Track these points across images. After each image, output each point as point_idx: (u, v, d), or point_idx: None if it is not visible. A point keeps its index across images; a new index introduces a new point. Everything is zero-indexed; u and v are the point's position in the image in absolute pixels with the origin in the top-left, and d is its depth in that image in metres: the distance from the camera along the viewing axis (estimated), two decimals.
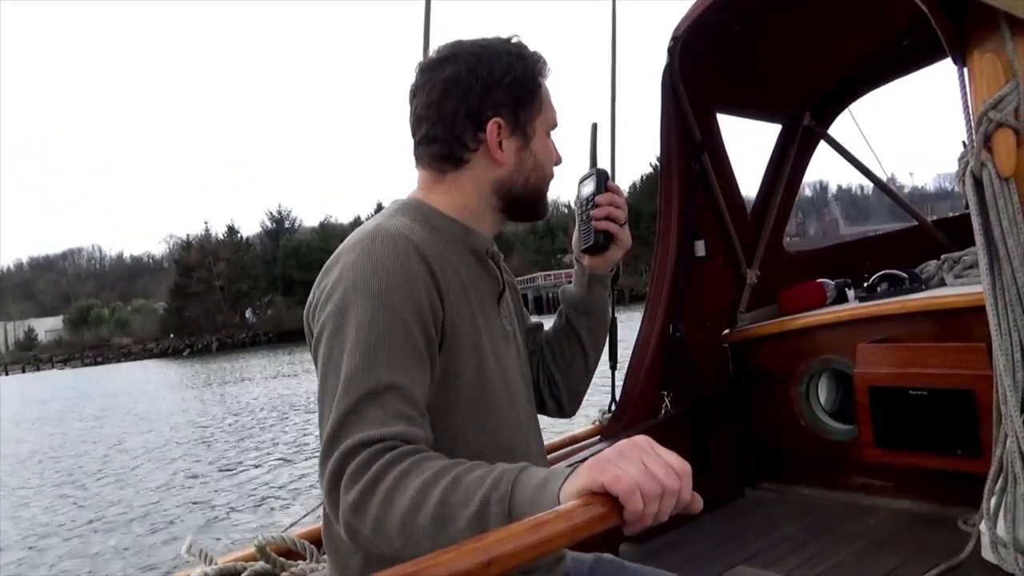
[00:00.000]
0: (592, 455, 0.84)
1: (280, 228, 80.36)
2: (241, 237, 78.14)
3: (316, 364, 1.04)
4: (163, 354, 66.24)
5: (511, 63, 1.14)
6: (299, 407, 16.75)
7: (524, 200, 1.19)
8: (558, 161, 1.23)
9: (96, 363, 67.96)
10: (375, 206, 79.39)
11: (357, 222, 77.00)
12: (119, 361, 65.73)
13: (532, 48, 1.19)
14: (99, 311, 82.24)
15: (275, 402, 18.60)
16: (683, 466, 0.80)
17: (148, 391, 27.65)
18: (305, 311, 1.11)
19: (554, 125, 1.21)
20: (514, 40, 1.18)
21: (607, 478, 0.76)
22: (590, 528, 0.74)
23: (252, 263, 74.67)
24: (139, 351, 69.49)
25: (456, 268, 1.11)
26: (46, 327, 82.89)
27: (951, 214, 3.81)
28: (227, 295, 69.79)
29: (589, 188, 1.27)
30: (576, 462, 0.85)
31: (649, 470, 0.78)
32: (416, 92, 1.16)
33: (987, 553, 1.97)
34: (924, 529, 2.37)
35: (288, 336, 63.66)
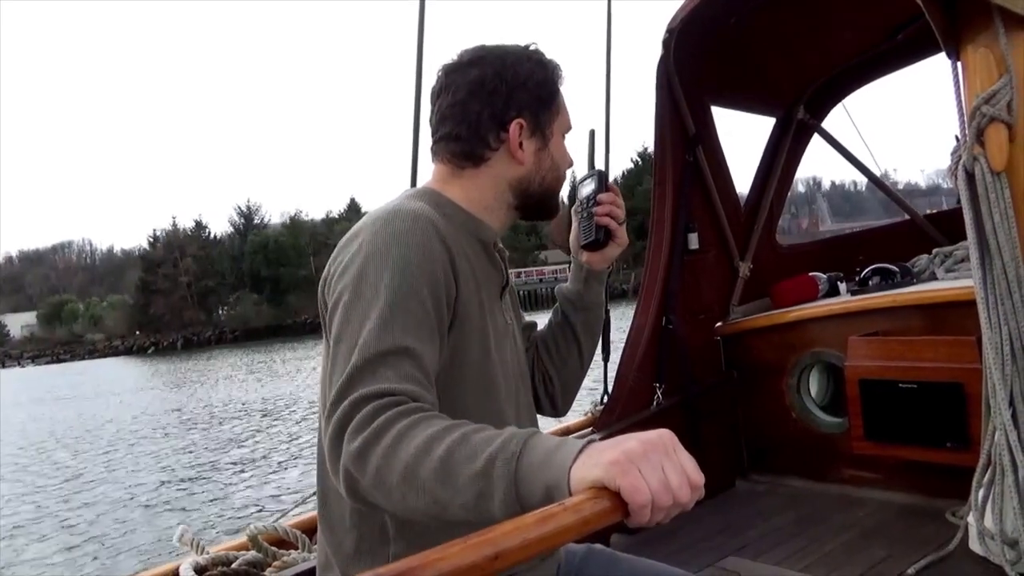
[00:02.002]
0: (605, 438, 0.81)
1: (249, 223, 78.28)
2: (209, 232, 76.22)
3: (329, 333, 1.04)
4: (127, 351, 64.72)
5: (533, 68, 1.19)
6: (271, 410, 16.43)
7: (538, 199, 1.24)
8: (569, 164, 1.28)
9: (59, 360, 66.23)
10: (348, 201, 78.84)
11: (328, 218, 76.96)
12: (83, 359, 63.96)
13: (549, 56, 1.24)
14: (73, 306, 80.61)
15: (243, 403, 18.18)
16: (698, 478, 0.79)
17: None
18: (320, 284, 1.11)
19: (568, 128, 1.26)
20: (532, 47, 1.23)
21: (626, 484, 0.75)
22: (597, 522, 0.73)
23: (219, 259, 72.63)
24: (104, 348, 68.08)
25: (467, 254, 1.13)
26: (21, 322, 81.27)
27: (928, 211, 3.82)
28: (194, 291, 67.97)
29: (590, 187, 1.32)
30: (590, 439, 0.82)
31: (666, 480, 0.77)
32: (440, 92, 1.20)
33: (975, 545, 1.99)
34: (913, 521, 2.39)
35: (254, 334, 62.23)
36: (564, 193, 1.35)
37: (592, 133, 1.45)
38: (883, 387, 2.41)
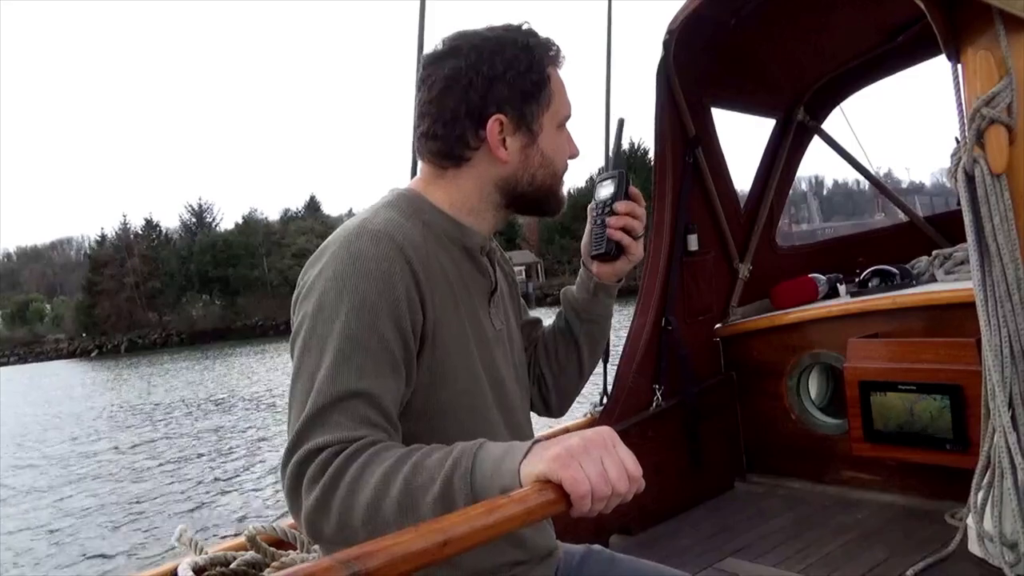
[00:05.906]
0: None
1: (200, 222, 75.95)
2: (160, 231, 73.43)
3: (292, 356, 1.02)
4: (71, 355, 63.16)
5: (516, 55, 1.08)
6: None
7: (531, 197, 1.15)
8: (573, 155, 1.18)
9: (6, 364, 63.78)
10: (307, 199, 78.56)
11: (285, 216, 75.16)
12: (27, 362, 62.33)
13: (544, 36, 1.13)
14: (39, 305, 79.00)
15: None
16: (636, 471, 0.84)
17: None
18: (292, 300, 1.09)
19: (566, 118, 1.16)
20: (524, 28, 1.12)
21: (566, 476, 0.80)
22: (541, 512, 0.78)
23: (167, 259, 68.95)
24: (51, 352, 66.29)
25: (444, 267, 1.08)
26: None
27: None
28: (141, 293, 65.68)
29: (608, 191, 1.19)
30: (537, 439, 0.88)
31: (605, 473, 0.81)
32: (419, 86, 1.13)
33: (974, 546, 1.99)
34: (912, 522, 2.39)
35: (202, 336, 60.33)
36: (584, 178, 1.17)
37: (620, 122, 1.29)
38: (883, 389, 2.41)
